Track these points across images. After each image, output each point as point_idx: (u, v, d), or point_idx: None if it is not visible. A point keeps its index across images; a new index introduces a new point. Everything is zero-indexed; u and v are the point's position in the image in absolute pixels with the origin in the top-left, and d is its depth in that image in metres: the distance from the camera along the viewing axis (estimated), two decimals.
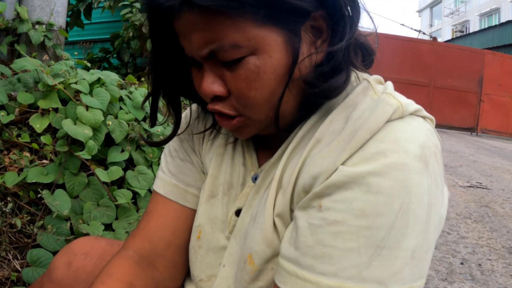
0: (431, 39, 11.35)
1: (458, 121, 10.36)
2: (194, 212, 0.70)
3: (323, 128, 0.53)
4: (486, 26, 21.07)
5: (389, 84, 0.56)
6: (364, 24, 0.57)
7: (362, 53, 0.59)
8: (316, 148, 0.52)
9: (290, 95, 0.54)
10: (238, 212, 0.64)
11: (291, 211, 0.54)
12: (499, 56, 10.87)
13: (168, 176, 0.71)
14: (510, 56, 11.26)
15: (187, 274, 0.72)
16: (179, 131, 0.69)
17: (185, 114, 0.74)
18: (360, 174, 0.45)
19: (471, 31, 25.16)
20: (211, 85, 0.53)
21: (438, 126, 10.10)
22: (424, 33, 13.84)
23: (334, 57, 0.52)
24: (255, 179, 0.63)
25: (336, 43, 0.52)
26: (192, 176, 0.71)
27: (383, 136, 0.46)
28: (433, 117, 0.54)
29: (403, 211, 0.44)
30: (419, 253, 0.45)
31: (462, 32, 28.10)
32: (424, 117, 0.51)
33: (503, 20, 21.55)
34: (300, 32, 0.50)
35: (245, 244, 0.58)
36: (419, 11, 36.61)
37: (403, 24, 14.05)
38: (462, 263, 1.98)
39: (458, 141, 7.95)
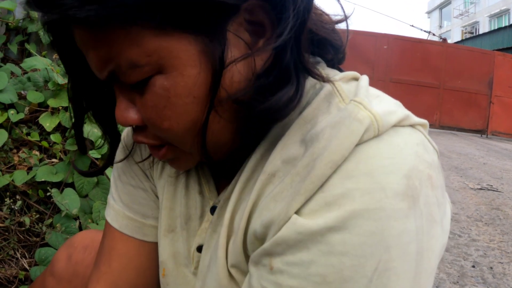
0: (441, 40, 11.27)
1: (468, 123, 10.27)
2: (156, 245, 0.61)
3: (275, 157, 0.41)
4: (496, 28, 20.89)
5: (363, 82, 0.42)
6: (331, 11, 0.46)
7: (328, 49, 0.47)
8: (270, 184, 0.41)
9: (221, 120, 0.41)
10: (199, 248, 0.54)
11: (247, 256, 0.44)
12: (510, 57, 10.77)
13: (120, 206, 0.61)
14: None
15: None
16: (123, 154, 0.60)
17: (127, 131, 0.62)
18: (317, 230, 0.34)
19: (480, 32, 24.96)
20: (124, 112, 0.42)
21: (447, 128, 10.05)
22: (434, 34, 13.76)
23: (280, 62, 0.39)
24: (213, 210, 0.52)
25: (272, 40, 0.38)
26: (147, 205, 0.61)
27: (351, 168, 0.34)
28: (425, 121, 0.41)
29: (379, 273, 0.33)
30: None
31: (472, 33, 27.91)
32: (412, 125, 0.39)
33: None
34: (224, 35, 0.37)
35: None
36: (428, 12, 36.41)
37: (412, 25, 13.96)
38: (473, 266, 1.95)
39: (468, 143, 7.88)
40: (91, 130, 1.49)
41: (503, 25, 19.78)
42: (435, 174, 0.37)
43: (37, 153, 1.55)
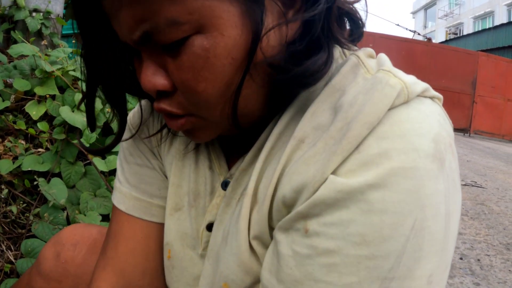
0: (426, 40, 11.41)
1: (452, 122, 10.40)
2: (163, 225, 0.59)
3: (304, 123, 0.40)
4: (480, 29, 21.25)
5: (384, 57, 0.43)
6: None
7: (349, 25, 0.47)
8: (299, 150, 0.40)
9: (253, 85, 0.41)
10: (209, 227, 0.52)
11: (271, 228, 0.42)
12: (493, 58, 10.97)
13: (126, 188, 0.59)
14: (503, 58, 11.38)
15: None
16: (129, 135, 0.58)
17: (133, 113, 0.61)
18: (358, 187, 0.34)
19: (464, 33, 25.36)
20: (152, 77, 0.41)
21: None
22: (419, 34, 13.91)
23: (311, 31, 0.40)
24: (225, 185, 0.51)
25: (309, 11, 0.39)
26: (155, 184, 0.59)
27: (385, 130, 0.35)
28: (440, 95, 0.42)
29: (416, 232, 0.33)
30: (436, 276, 0.35)
31: (456, 34, 28.34)
32: (432, 98, 0.40)
33: (497, 23, 21.75)
34: (263, 0, 0.38)
35: (218, 269, 0.47)
36: (414, 13, 36.82)
37: (398, 25, 14.11)
38: (461, 258, 1.98)
39: None
40: (78, 119, 1.46)
41: (487, 27, 20.13)
42: (453, 145, 0.38)
43: (23, 142, 1.51)
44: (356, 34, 0.48)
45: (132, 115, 0.61)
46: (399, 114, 0.36)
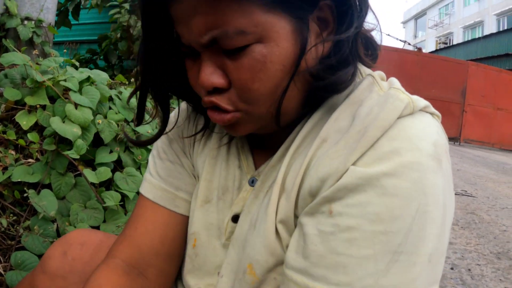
0: (416, 49, 11.52)
1: None
2: (184, 218, 0.66)
3: (328, 126, 0.49)
4: (470, 39, 21.52)
5: (394, 80, 0.52)
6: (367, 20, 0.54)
7: (368, 47, 0.56)
8: (322, 148, 0.49)
9: (295, 89, 0.50)
10: (234, 218, 0.59)
11: (295, 217, 0.50)
12: (483, 67, 11.12)
13: (156, 180, 0.67)
14: (493, 67, 11.54)
15: (178, 281, 0.68)
16: (166, 130, 0.64)
17: (174, 113, 0.70)
18: (374, 175, 0.41)
19: (454, 43, 25.66)
20: (211, 76, 0.48)
21: None
22: (409, 44, 14.05)
23: (341, 49, 0.49)
24: (252, 182, 0.59)
25: (342, 34, 0.48)
26: (182, 179, 0.67)
27: (395, 133, 0.43)
28: (439, 114, 0.51)
29: (420, 214, 0.41)
30: (435, 257, 0.42)
31: (446, 44, 28.67)
32: (432, 114, 0.49)
33: (486, 32, 22.07)
34: (308, 21, 0.47)
35: (244, 253, 0.54)
36: (404, 23, 37.23)
37: (388, 35, 14.24)
38: (452, 268, 1.98)
39: None
40: (69, 129, 1.45)
41: (477, 36, 20.39)
42: (448, 154, 0.46)
43: (13, 152, 1.49)
44: (374, 55, 0.57)
45: (173, 115, 0.69)
46: (406, 122, 0.44)
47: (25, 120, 1.50)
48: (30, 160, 1.52)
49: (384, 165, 0.42)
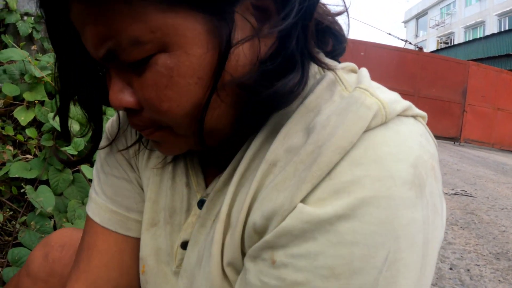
0: (417, 49, 11.51)
1: (442, 131, 10.49)
2: (139, 240, 0.57)
3: (276, 146, 0.39)
4: (471, 39, 21.51)
5: (364, 72, 0.41)
6: (330, 1, 0.45)
7: (324, 41, 0.45)
8: (271, 174, 0.38)
9: (222, 105, 0.39)
10: (184, 245, 0.51)
11: (244, 254, 0.41)
12: (483, 67, 11.09)
13: (102, 199, 0.57)
14: (494, 68, 11.51)
15: None
16: (106, 143, 0.57)
17: (111, 121, 0.60)
18: (326, 219, 0.32)
19: (455, 43, 25.65)
20: (119, 94, 0.40)
21: None
22: (410, 43, 14.05)
23: (285, 48, 0.38)
24: (201, 204, 0.50)
25: (280, 25, 0.37)
26: (132, 198, 0.58)
27: (359, 155, 0.33)
28: (424, 113, 0.40)
29: (389, 264, 0.32)
30: None
31: (447, 43, 28.65)
32: (414, 116, 0.39)
33: (487, 33, 22.05)
34: (232, 16, 0.36)
35: None
36: (405, 22, 37.20)
37: (389, 34, 14.23)
38: (451, 269, 1.98)
39: (441, 150, 8.05)
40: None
41: (478, 37, 20.38)
42: (437, 165, 0.37)
43: (11, 148, 1.49)
44: (338, 49, 0.47)
45: (111, 124, 0.60)
46: (375, 137, 0.34)
47: (23, 116, 1.49)
48: (28, 156, 1.52)
49: (340, 203, 0.32)
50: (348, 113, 0.34)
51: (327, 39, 0.46)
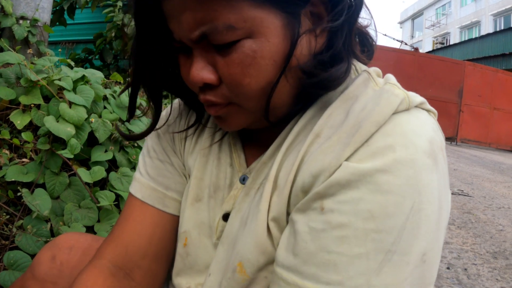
0: (413, 50, 11.54)
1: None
2: (173, 218, 0.65)
3: (322, 122, 0.48)
4: (467, 39, 21.58)
5: (390, 76, 0.51)
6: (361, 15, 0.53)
7: (363, 44, 0.55)
8: (315, 143, 0.47)
9: (286, 85, 0.49)
10: (225, 217, 0.58)
11: (288, 214, 0.49)
12: (480, 67, 11.13)
13: (146, 179, 0.66)
14: (490, 67, 11.56)
15: (169, 282, 0.67)
16: (157, 126, 0.63)
17: (165, 111, 0.69)
18: (367, 171, 0.40)
19: (451, 43, 25.72)
20: (201, 71, 0.48)
21: None
22: (406, 44, 14.08)
23: (334, 45, 0.48)
24: (243, 180, 0.58)
25: (334, 26, 0.48)
26: (172, 178, 0.66)
27: (390, 129, 0.42)
28: (436, 111, 0.50)
29: (414, 212, 0.39)
30: (429, 257, 0.41)
31: (443, 44, 28.74)
32: (428, 111, 0.48)
33: (483, 33, 22.13)
34: (300, 16, 0.46)
35: (233, 251, 0.53)
36: (401, 23, 37.29)
37: (385, 35, 14.26)
38: (448, 268, 1.98)
39: None
40: (63, 129, 1.44)
41: (474, 37, 20.44)
42: (444, 152, 0.45)
43: (7, 152, 1.48)
44: (370, 51, 0.56)
45: (165, 112, 0.69)
46: (401, 118, 0.43)
47: (19, 120, 1.49)
48: (24, 159, 1.51)
49: (377, 161, 0.40)
50: (381, 99, 0.44)
51: (363, 43, 0.56)
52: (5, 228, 1.32)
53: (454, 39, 27.39)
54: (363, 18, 0.53)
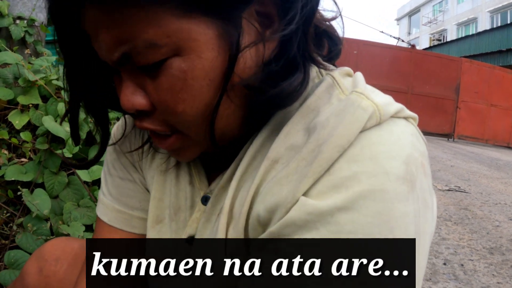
0: (410, 46, 11.56)
1: (435, 128, 10.55)
2: (143, 237, 0.61)
3: (278, 144, 0.41)
4: (463, 35, 21.61)
5: (359, 77, 0.44)
6: (326, 7, 0.47)
7: (321, 44, 0.48)
8: (273, 170, 0.41)
9: (231, 105, 0.42)
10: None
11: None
12: (476, 64, 11.16)
13: (109, 200, 0.61)
14: (486, 64, 11.59)
15: None
16: (115, 140, 0.60)
17: (117, 125, 0.63)
18: (327, 210, 0.34)
19: (448, 40, 25.76)
20: (131, 97, 0.41)
21: None
22: (403, 41, 14.10)
23: (287, 51, 0.41)
24: (205, 200, 0.53)
25: (285, 30, 0.39)
26: (135, 197, 0.61)
27: (356, 153, 0.36)
28: (415, 115, 0.43)
29: None
30: None
31: (440, 40, 28.77)
32: (406, 118, 0.41)
33: (480, 29, 22.17)
34: (240, 21, 0.38)
35: None
36: (398, 20, 37.31)
37: (382, 32, 14.27)
38: (445, 264, 2.00)
39: (435, 147, 8.10)
40: (61, 129, 1.45)
41: (470, 33, 20.47)
42: (426, 163, 0.39)
43: (6, 152, 1.49)
44: (334, 51, 0.49)
45: (116, 128, 0.63)
46: (370, 137, 0.37)
47: (17, 120, 1.50)
48: (23, 159, 1.52)
49: (339, 196, 0.34)
50: (346, 114, 0.37)
51: (324, 42, 0.49)
52: (5, 227, 1.33)
53: (451, 35, 27.43)
54: (327, 10, 0.46)
